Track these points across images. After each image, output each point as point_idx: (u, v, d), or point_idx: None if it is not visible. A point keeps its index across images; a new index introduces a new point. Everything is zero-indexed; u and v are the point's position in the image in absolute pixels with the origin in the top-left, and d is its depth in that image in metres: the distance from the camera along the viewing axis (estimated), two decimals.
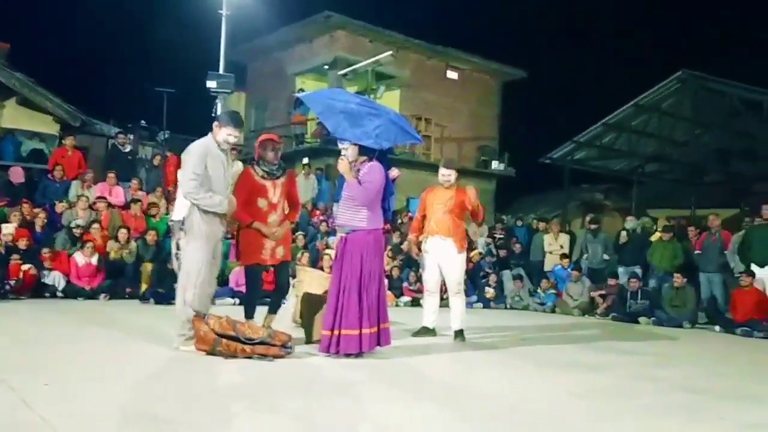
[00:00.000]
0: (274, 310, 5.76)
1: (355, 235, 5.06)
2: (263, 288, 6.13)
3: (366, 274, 5.00)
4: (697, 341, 8.13)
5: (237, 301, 9.12)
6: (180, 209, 5.06)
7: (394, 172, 5.45)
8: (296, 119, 19.46)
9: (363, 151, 5.13)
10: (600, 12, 29.96)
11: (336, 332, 4.92)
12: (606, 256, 11.88)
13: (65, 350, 4.91)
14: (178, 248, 5.05)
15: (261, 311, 5.68)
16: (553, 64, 28.62)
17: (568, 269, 11.70)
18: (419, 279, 10.40)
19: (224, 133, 4.93)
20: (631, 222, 12.51)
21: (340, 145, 5.23)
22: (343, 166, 5.06)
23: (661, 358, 6.44)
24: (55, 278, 9.07)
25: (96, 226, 9.93)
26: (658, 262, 10.93)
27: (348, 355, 4.92)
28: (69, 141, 12.04)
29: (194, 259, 4.87)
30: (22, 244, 9.05)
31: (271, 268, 5.82)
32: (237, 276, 9.60)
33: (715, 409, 4.07)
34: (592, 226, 12.23)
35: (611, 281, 10.93)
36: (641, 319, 9.73)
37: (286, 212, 5.63)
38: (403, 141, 5.82)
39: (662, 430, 3.47)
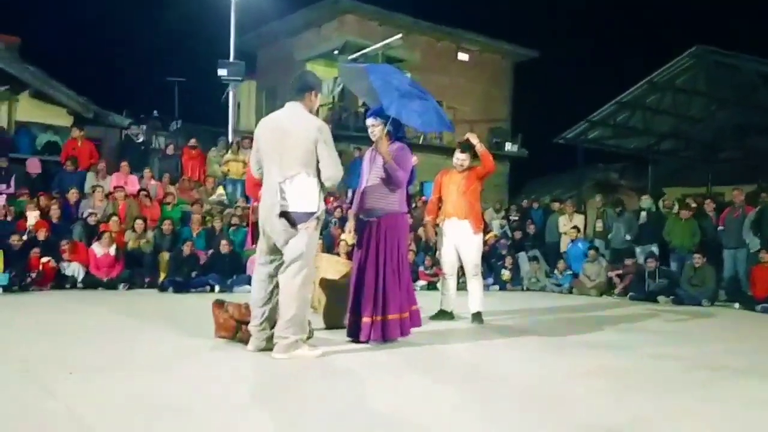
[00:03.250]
0: None
1: (389, 219, 4.98)
2: None
3: (401, 257, 4.99)
4: (716, 319, 8.09)
5: None
6: (311, 198, 4.21)
7: (415, 159, 5.43)
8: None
9: (391, 132, 5.06)
10: None
11: (378, 318, 4.85)
12: (628, 237, 11.83)
13: (87, 340, 4.96)
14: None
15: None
16: (565, 44, 28.36)
17: (578, 243, 11.68)
18: (435, 263, 10.41)
19: (318, 102, 4.46)
20: (646, 201, 12.34)
21: (369, 122, 5.12)
22: (383, 146, 4.98)
23: (681, 336, 6.42)
24: (74, 269, 9.17)
25: (114, 218, 9.99)
26: (679, 241, 10.81)
27: (389, 341, 4.89)
28: (77, 133, 12.06)
29: (315, 250, 4.42)
30: (42, 235, 9.14)
31: None
32: (254, 263, 9.66)
33: (736, 386, 4.05)
34: (618, 209, 12.21)
35: (628, 261, 10.87)
36: (660, 298, 9.68)
37: None
38: (439, 128, 5.74)
39: (682, 407, 3.46)
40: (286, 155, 4.17)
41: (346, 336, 5.02)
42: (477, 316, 6.45)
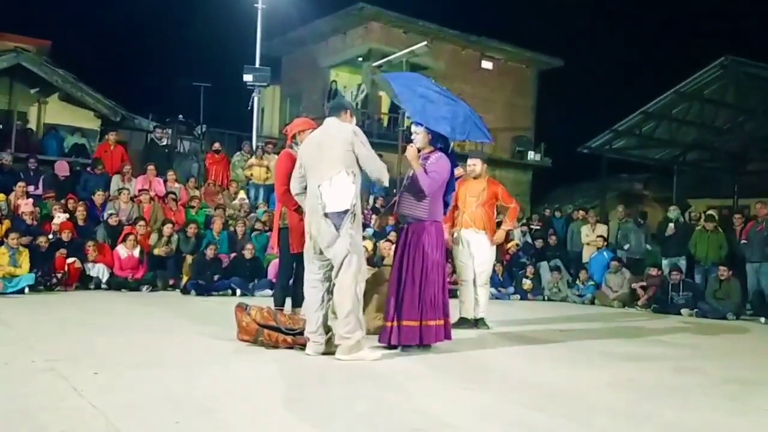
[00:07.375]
0: (301, 303, 5.38)
1: (417, 226, 5.01)
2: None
3: (429, 264, 4.93)
4: (741, 333, 7.96)
5: None
6: (346, 196, 4.40)
7: (459, 170, 5.41)
8: None
9: (432, 141, 5.10)
10: None
11: (395, 323, 4.86)
12: (648, 246, 11.68)
13: (112, 340, 5.02)
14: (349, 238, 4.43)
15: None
16: (590, 52, 28.05)
17: (603, 252, 11.60)
18: (452, 271, 10.36)
19: (353, 120, 4.73)
20: (674, 212, 12.10)
21: (413, 129, 5.19)
22: (411, 153, 5.03)
23: (705, 349, 6.33)
24: (99, 270, 9.29)
25: (141, 223, 10.09)
26: (704, 254, 10.65)
27: (407, 347, 4.89)
28: (111, 136, 12.32)
29: (362, 247, 4.64)
30: (66, 236, 9.26)
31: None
32: (276, 268, 9.70)
33: (761, 401, 4.00)
34: (640, 221, 12.12)
35: (652, 271, 10.74)
36: (683, 310, 9.55)
37: None
38: (476, 137, 5.64)
39: (706, 421, 3.41)
40: (325, 161, 4.45)
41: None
42: (482, 322, 6.55)
